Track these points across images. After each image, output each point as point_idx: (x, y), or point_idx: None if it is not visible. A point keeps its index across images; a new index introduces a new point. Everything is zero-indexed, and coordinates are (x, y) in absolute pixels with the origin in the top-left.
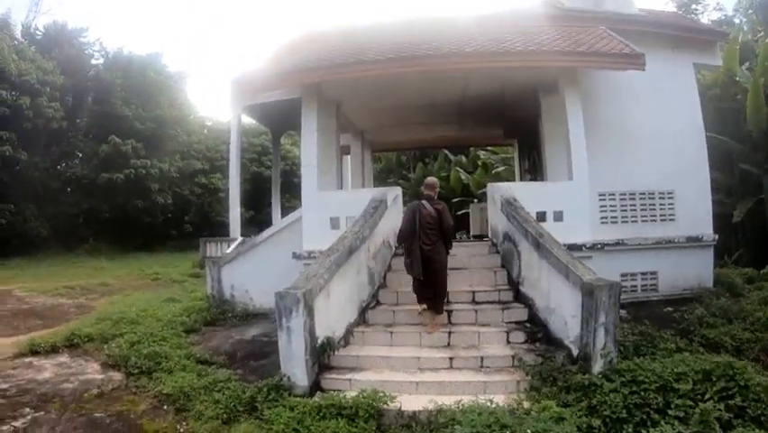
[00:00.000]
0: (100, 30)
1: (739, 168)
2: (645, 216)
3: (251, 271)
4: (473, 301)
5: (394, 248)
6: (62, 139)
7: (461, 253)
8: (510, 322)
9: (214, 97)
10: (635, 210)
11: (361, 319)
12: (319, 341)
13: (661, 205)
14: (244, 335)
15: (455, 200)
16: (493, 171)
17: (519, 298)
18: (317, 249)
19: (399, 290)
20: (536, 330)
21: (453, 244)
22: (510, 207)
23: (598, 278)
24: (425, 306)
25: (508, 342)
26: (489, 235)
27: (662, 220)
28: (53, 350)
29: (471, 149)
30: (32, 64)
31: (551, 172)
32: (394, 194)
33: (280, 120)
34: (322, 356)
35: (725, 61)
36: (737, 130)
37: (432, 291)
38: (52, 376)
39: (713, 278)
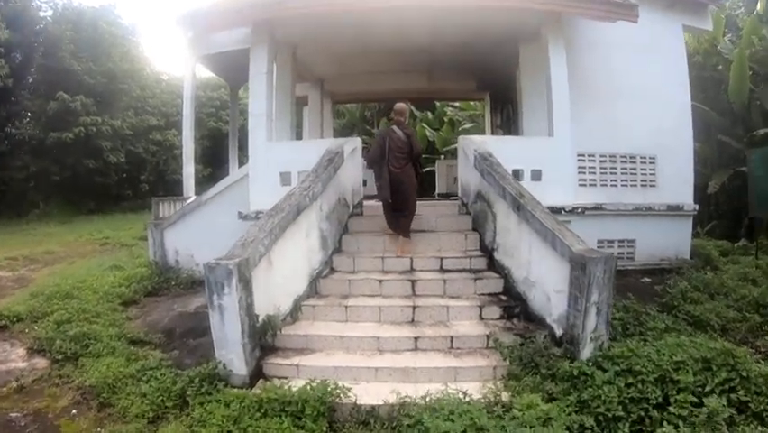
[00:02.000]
0: None
1: (717, 139)
2: (626, 181)
3: (197, 234)
4: (441, 269)
5: (351, 207)
6: (8, 98)
7: (426, 213)
8: (483, 294)
9: (171, 51)
10: (615, 174)
11: (312, 291)
12: (260, 319)
13: (642, 170)
14: (187, 306)
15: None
16: (460, 128)
17: (493, 266)
18: (266, 209)
19: (357, 256)
20: (513, 304)
21: (418, 203)
22: (485, 162)
23: (589, 249)
24: (390, 232)
25: (482, 318)
26: (459, 194)
27: (642, 186)
28: None
29: (438, 104)
30: None
31: (527, 128)
32: (352, 146)
33: (238, 71)
34: (263, 337)
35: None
36: (717, 101)
37: (400, 214)
38: None
39: (690, 249)
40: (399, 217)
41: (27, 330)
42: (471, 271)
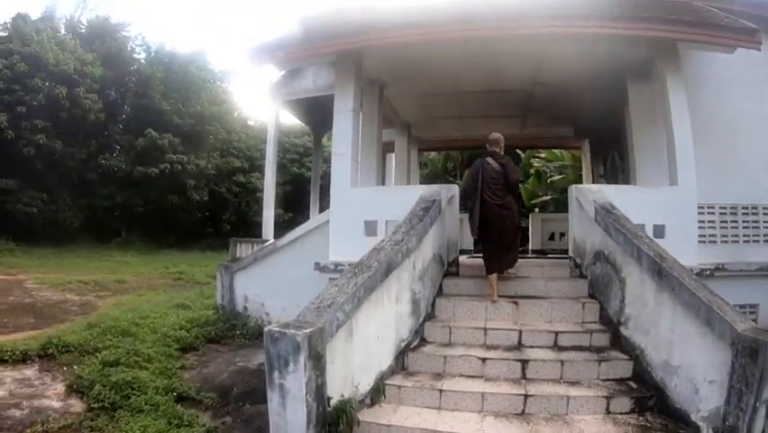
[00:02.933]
0: (146, 27)
1: None
2: (748, 236)
3: (269, 281)
4: (555, 346)
5: (446, 264)
6: (100, 132)
7: (533, 275)
8: (609, 380)
9: (258, 98)
10: (736, 227)
11: (399, 366)
12: (332, 403)
13: (765, 222)
14: (250, 361)
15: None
16: (549, 180)
17: (619, 344)
18: (347, 260)
19: (453, 325)
20: (647, 395)
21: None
22: (609, 216)
23: (757, 329)
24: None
25: (608, 411)
26: (570, 253)
27: (765, 241)
28: (23, 359)
29: (523, 155)
30: (72, 55)
31: (641, 177)
32: (450, 193)
33: (322, 118)
34: (335, 428)
35: None
36: None
37: (503, 250)
38: (4, 396)
39: None
40: (502, 254)
41: (73, 364)
42: (592, 349)
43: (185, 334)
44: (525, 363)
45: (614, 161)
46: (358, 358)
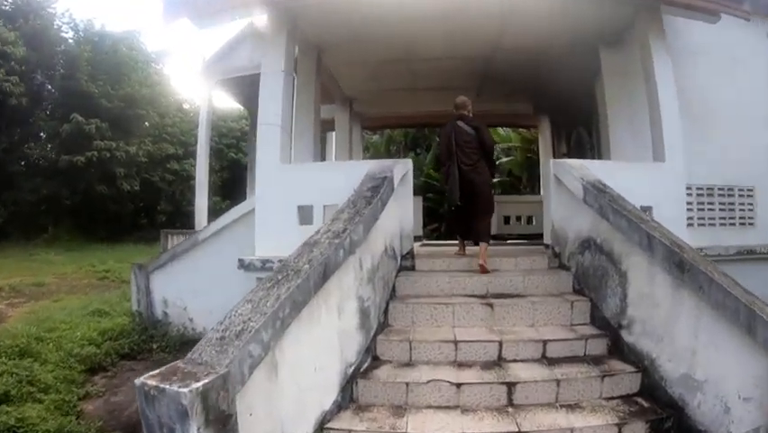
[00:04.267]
0: (75, 4)
1: None
2: (724, 219)
3: (191, 281)
4: (545, 358)
5: (400, 258)
6: (24, 118)
7: (505, 267)
8: (614, 398)
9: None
10: (713, 210)
11: (346, 399)
12: None
13: (740, 205)
14: None
15: None
16: (496, 162)
17: (621, 351)
18: (277, 256)
19: (414, 336)
20: (662, 415)
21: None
22: (604, 196)
23: None
24: (461, 251)
25: None
26: (548, 240)
27: (740, 224)
28: None
29: None
30: None
31: (616, 153)
32: (404, 169)
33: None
34: None
35: None
36: None
37: (477, 217)
38: None
39: None
40: (475, 222)
41: None
42: (589, 360)
43: (94, 350)
44: (511, 385)
45: (580, 138)
46: (288, 401)
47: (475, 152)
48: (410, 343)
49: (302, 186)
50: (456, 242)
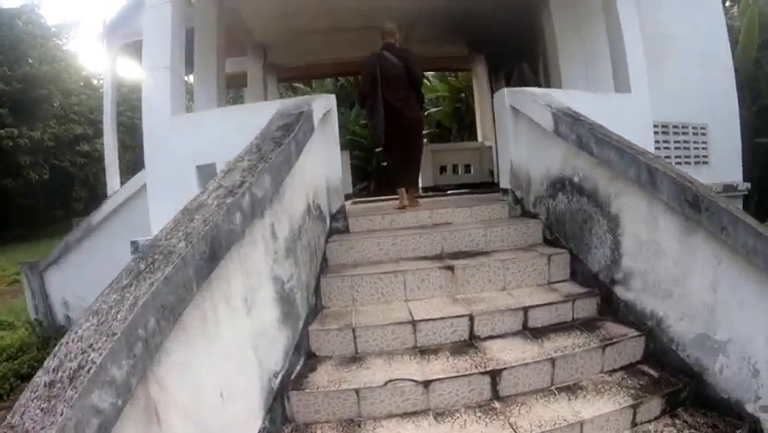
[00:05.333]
0: None
1: None
2: (680, 157)
3: (93, 275)
4: (527, 329)
5: (329, 218)
6: None
7: (458, 220)
8: (617, 370)
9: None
10: (668, 148)
11: (276, 421)
12: None
13: (695, 143)
14: None
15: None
16: (425, 113)
17: (615, 311)
18: None
19: (357, 320)
20: (677, 385)
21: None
22: (582, 124)
23: None
24: (403, 192)
25: (635, 423)
26: (505, 184)
27: (696, 163)
28: None
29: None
30: None
31: (568, 87)
32: (324, 105)
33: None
34: None
35: None
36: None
37: (404, 158)
38: None
39: None
40: (406, 165)
41: None
42: (581, 326)
43: None
44: (495, 374)
45: (522, 75)
46: None
47: (404, 86)
48: (353, 330)
49: (200, 140)
50: (395, 197)
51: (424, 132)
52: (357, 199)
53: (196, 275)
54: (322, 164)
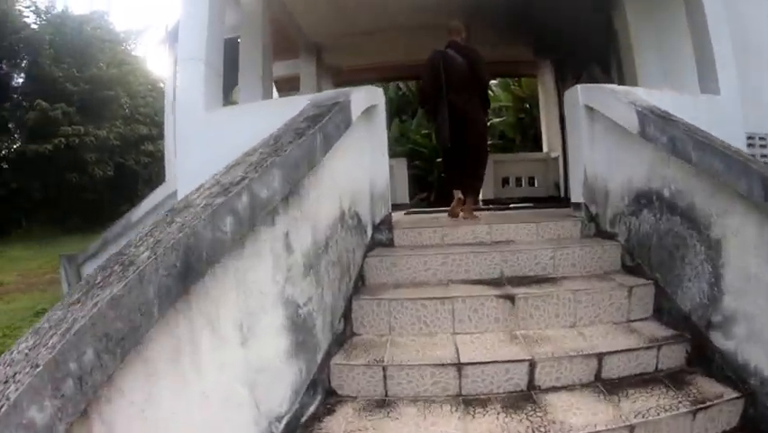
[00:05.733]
0: None
1: None
2: None
3: None
4: (599, 380)
5: (371, 229)
6: None
7: (522, 238)
8: None
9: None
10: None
11: None
12: None
13: None
14: None
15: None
16: (488, 123)
17: (708, 360)
18: None
19: (391, 356)
20: None
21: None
22: (675, 125)
23: None
24: (460, 195)
25: None
26: (578, 197)
27: None
28: None
29: None
30: None
31: (645, 87)
32: (367, 98)
33: (231, 64)
34: None
35: None
36: None
37: (468, 162)
38: None
39: None
40: (469, 170)
41: None
42: (666, 379)
43: None
44: None
45: (593, 77)
46: None
47: (468, 86)
48: (384, 367)
49: (234, 137)
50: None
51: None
52: (412, 210)
53: (159, 296)
54: (364, 166)
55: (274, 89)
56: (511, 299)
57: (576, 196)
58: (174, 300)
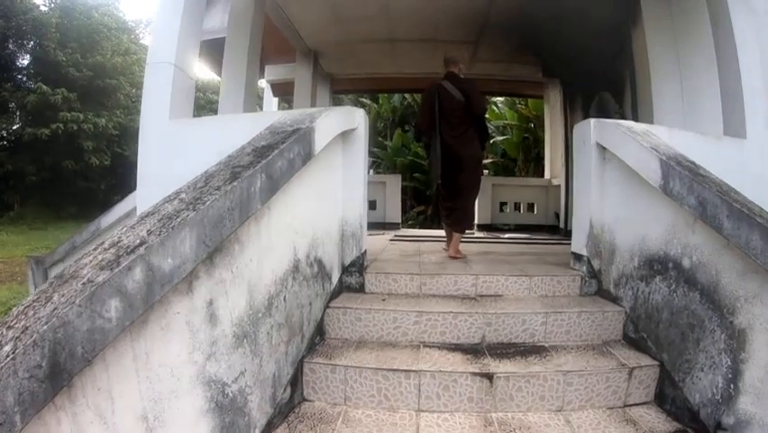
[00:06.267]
0: None
1: None
2: None
3: None
4: None
5: (339, 272)
6: None
7: (511, 291)
8: None
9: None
10: None
11: None
12: None
13: None
14: None
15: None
16: (491, 141)
17: None
18: None
19: None
20: None
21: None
22: (705, 183)
23: None
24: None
25: None
26: (579, 247)
27: None
28: None
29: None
30: None
31: (661, 121)
32: (342, 123)
33: None
34: None
35: None
36: None
37: (455, 199)
38: None
39: None
40: (458, 208)
41: None
42: None
43: None
44: None
45: (604, 105)
46: None
47: (463, 121)
48: None
49: (198, 154)
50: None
51: (485, 162)
52: (399, 234)
53: (21, 402)
54: (334, 200)
55: (270, 95)
56: (489, 377)
57: (578, 245)
58: (44, 402)
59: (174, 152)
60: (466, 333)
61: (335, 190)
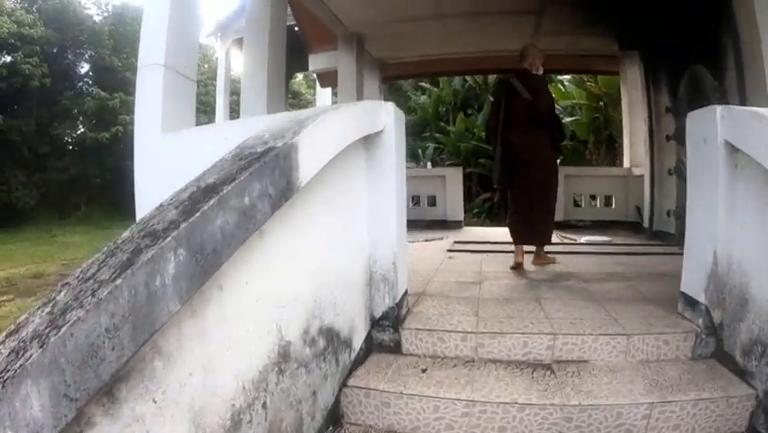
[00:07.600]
0: None
1: None
2: None
3: None
4: None
5: (365, 332)
6: (51, 99)
7: (599, 356)
8: None
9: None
10: None
11: None
12: None
13: None
14: None
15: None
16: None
17: None
18: None
19: None
20: None
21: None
22: None
23: None
24: (519, 259)
25: None
26: (693, 290)
27: None
28: None
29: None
30: (8, 18)
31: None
32: (361, 122)
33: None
34: None
35: None
36: None
37: (529, 209)
38: None
39: None
40: (535, 218)
41: None
42: None
43: None
44: None
45: (697, 82)
46: None
47: (532, 122)
48: None
49: (190, 167)
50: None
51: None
52: (459, 241)
53: None
54: (352, 236)
55: (318, 87)
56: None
57: (692, 285)
58: None
59: (169, 168)
60: (534, 427)
61: (356, 219)
